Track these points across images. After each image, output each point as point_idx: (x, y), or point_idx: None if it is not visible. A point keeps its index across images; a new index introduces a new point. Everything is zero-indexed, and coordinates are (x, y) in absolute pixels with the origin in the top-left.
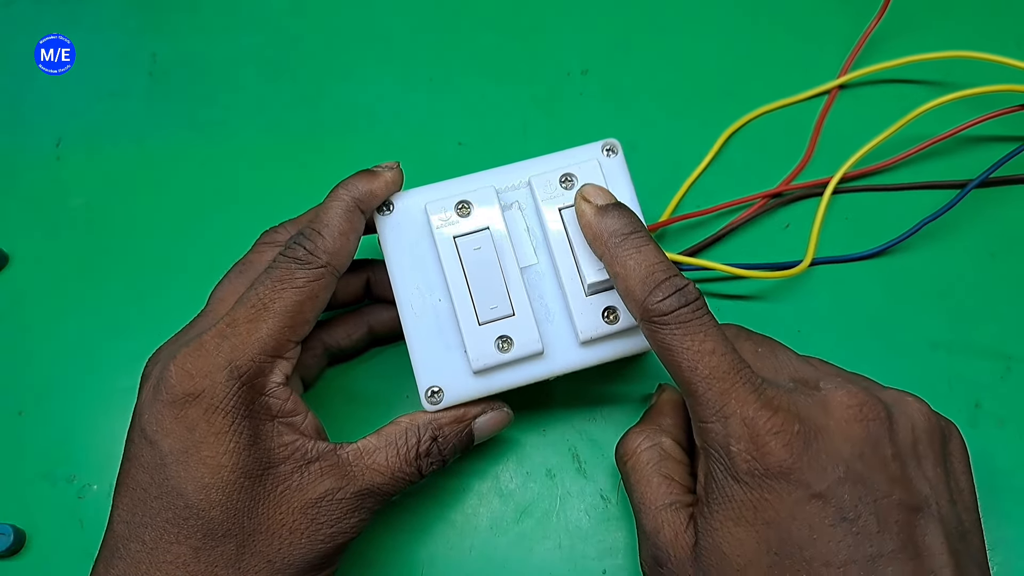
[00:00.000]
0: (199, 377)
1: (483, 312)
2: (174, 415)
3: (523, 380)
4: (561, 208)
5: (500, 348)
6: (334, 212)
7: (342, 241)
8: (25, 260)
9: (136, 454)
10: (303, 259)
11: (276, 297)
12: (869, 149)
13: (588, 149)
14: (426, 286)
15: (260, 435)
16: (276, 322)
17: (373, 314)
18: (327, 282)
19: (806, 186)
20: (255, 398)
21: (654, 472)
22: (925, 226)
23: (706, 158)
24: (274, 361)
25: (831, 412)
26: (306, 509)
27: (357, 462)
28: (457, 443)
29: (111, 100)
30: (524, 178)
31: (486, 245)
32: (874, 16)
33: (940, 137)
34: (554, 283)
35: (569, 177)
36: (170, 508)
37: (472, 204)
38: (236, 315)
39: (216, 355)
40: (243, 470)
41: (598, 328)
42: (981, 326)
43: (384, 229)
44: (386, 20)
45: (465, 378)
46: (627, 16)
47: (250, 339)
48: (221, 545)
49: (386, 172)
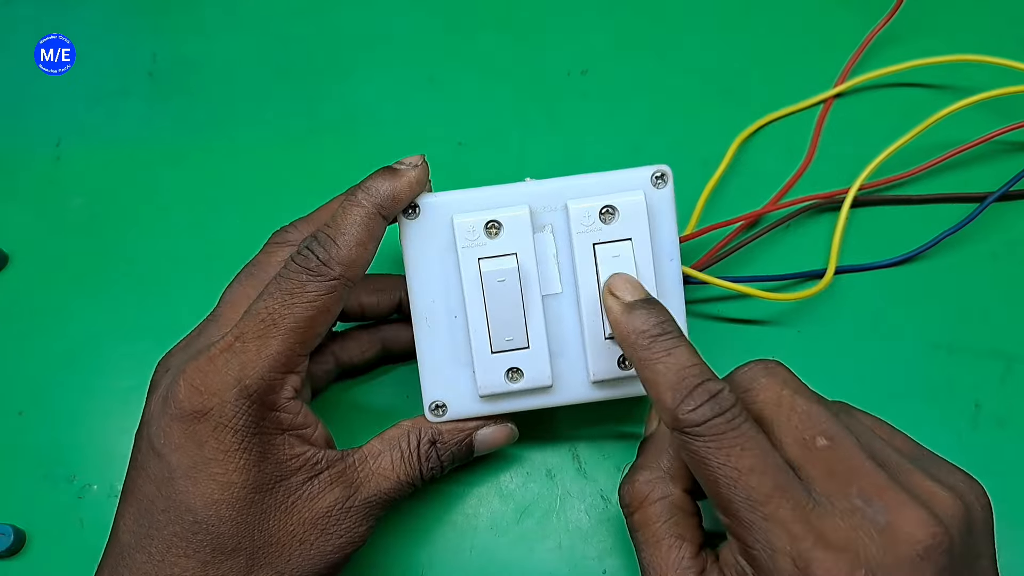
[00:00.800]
0: (208, 395)
1: (497, 341)
2: (183, 430)
3: (527, 407)
4: (596, 244)
5: (509, 378)
6: (352, 219)
7: (359, 251)
8: (25, 260)
9: (143, 464)
10: (315, 270)
11: (286, 312)
12: (884, 158)
13: (635, 175)
14: (444, 301)
15: (270, 449)
16: (286, 339)
17: (388, 332)
18: (339, 295)
19: (821, 198)
20: (265, 414)
21: (665, 532)
22: (943, 240)
23: (720, 166)
24: (284, 377)
25: (897, 550)
26: (316, 520)
27: (363, 467)
28: (456, 451)
29: (111, 100)
30: (562, 199)
31: (511, 277)
32: (881, 19)
33: (963, 148)
34: (574, 318)
35: (610, 210)
36: (178, 522)
37: (502, 225)
38: (245, 329)
39: (225, 372)
40: (253, 485)
41: (611, 372)
42: (981, 326)
43: (407, 234)
44: (386, 20)
45: (470, 398)
46: (627, 16)
47: (259, 356)
48: (231, 560)
49: (410, 171)
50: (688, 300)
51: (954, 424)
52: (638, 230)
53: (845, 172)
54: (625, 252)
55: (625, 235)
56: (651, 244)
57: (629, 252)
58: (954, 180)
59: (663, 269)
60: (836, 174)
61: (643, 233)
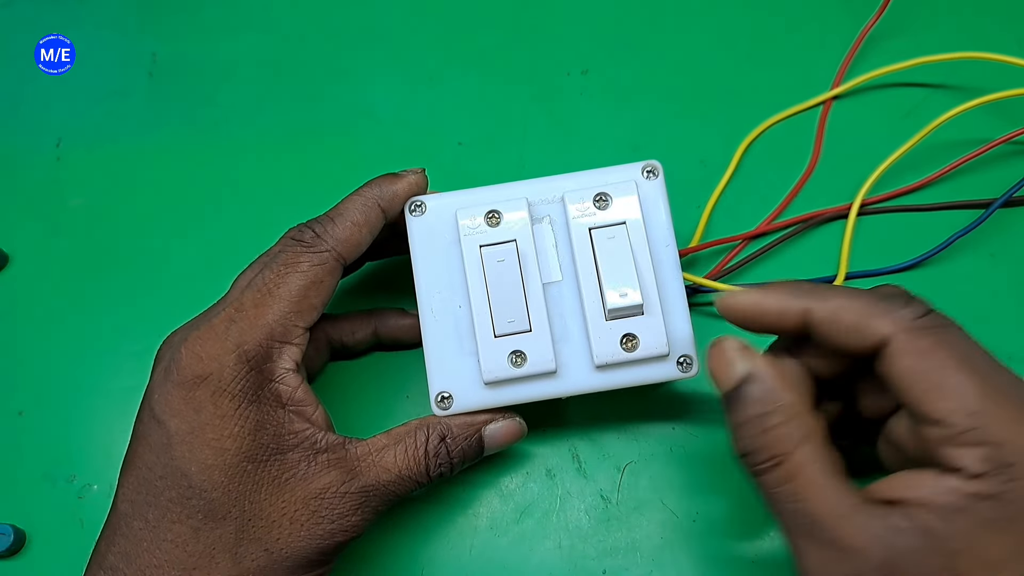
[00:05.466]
0: (208, 360)
1: (500, 325)
2: (183, 396)
3: (533, 396)
4: (592, 228)
5: (513, 363)
6: (352, 203)
7: (353, 231)
8: (25, 260)
9: (144, 433)
10: (308, 242)
11: (281, 282)
12: (887, 167)
13: (627, 169)
14: (448, 291)
15: (268, 420)
16: (281, 307)
17: (381, 318)
18: (331, 267)
19: (828, 212)
20: (264, 384)
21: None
22: (950, 245)
23: (726, 173)
24: (282, 346)
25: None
26: (308, 500)
27: (365, 458)
28: (466, 447)
29: (111, 100)
30: (558, 193)
31: (510, 258)
32: (871, 16)
33: (970, 156)
34: (575, 303)
35: (604, 197)
36: (174, 487)
37: (502, 214)
38: (244, 299)
39: (225, 339)
40: (247, 454)
41: (615, 354)
42: (981, 326)
43: (414, 229)
44: (386, 20)
45: (476, 388)
46: (627, 16)
47: (257, 323)
48: (220, 527)
49: (410, 175)
50: (699, 304)
51: None
52: (631, 215)
53: (850, 175)
54: (620, 235)
55: (619, 220)
56: (645, 229)
57: (624, 235)
58: (956, 184)
59: (659, 255)
60: (842, 177)
61: (636, 218)
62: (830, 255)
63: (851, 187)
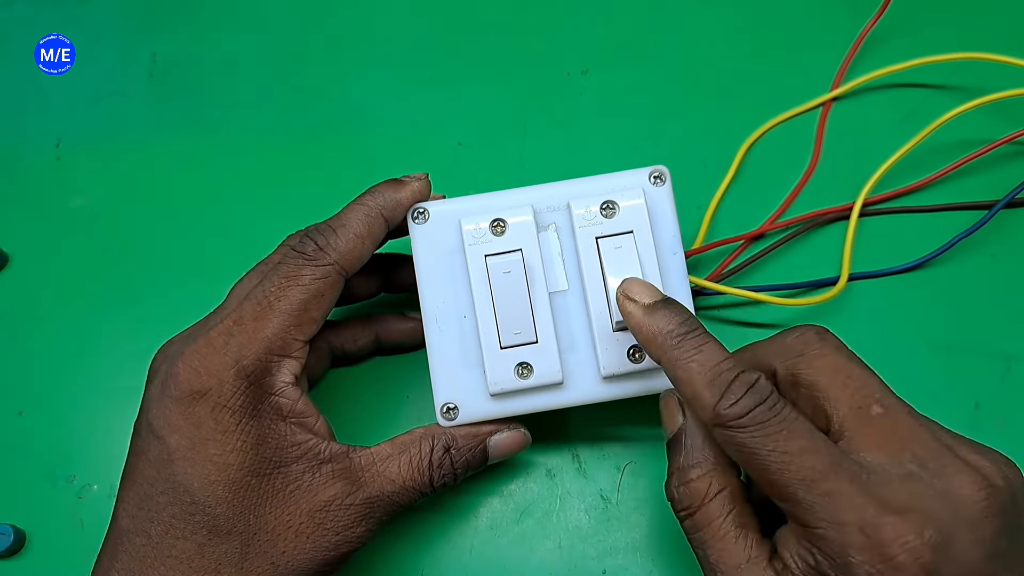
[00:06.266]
0: (206, 375)
1: (506, 336)
2: (181, 412)
3: (539, 407)
4: (598, 237)
5: (519, 374)
6: (354, 213)
7: (356, 243)
8: (25, 260)
9: (143, 448)
10: (311, 255)
11: (282, 295)
12: (887, 167)
13: (634, 175)
14: (453, 301)
15: (269, 434)
16: (281, 321)
17: (382, 323)
18: (333, 281)
19: (829, 212)
20: (263, 397)
21: (730, 525)
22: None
23: (728, 174)
24: (281, 360)
25: (958, 508)
26: (313, 512)
27: (369, 468)
28: (470, 458)
29: (111, 100)
30: (564, 200)
31: (516, 269)
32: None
33: (970, 156)
34: (582, 312)
35: (611, 205)
36: (176, 503)
37: (507, 223)
38: (243, 312)
39: (223, 353)
40: (250, 468)
41: (622, 366)
42: (981, 326)
43: (417, 238)
44: (386, 20)
45: (482, 399)
46: (627, 16)
47: (256, 337)
48: (226, 543)
49: (413, 182)
50: (702, 307)
51: (954, 424)
52: (639, 223)
53: (851, 176)
54: (627, 244)
55: (626, 228)
56: (652, 237)
57: (631, 244)
58: (957, 184)
59: (667, 263)
60: (842, 179)
61: (644, 226)
62: (832, 256)
63: (852, 188)
